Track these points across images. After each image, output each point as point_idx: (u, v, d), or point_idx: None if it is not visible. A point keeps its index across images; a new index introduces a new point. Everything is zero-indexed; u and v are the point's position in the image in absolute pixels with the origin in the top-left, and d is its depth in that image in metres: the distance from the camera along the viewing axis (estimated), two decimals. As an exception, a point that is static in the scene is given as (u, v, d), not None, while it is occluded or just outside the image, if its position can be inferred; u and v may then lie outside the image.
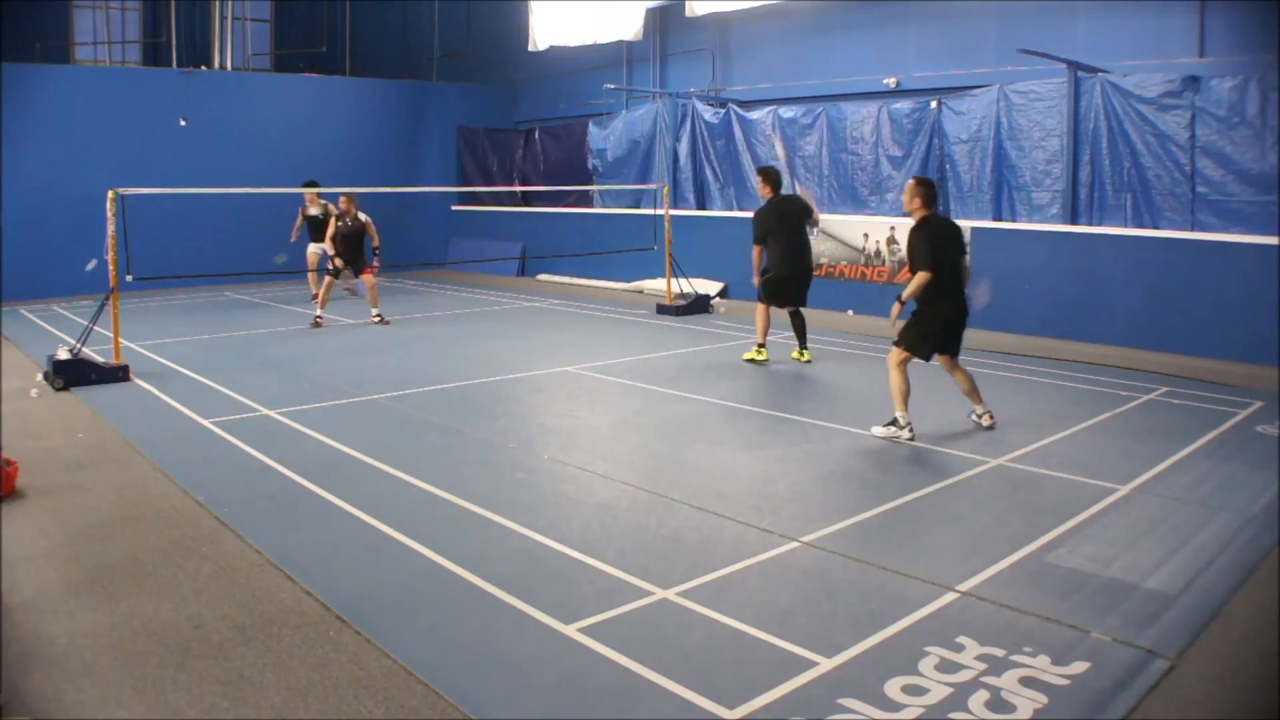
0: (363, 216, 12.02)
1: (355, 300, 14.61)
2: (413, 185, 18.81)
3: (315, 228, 13.65)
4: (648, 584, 4.15)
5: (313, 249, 13.77)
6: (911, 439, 6.48)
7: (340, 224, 11.98)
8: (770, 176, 9.25)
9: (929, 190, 6.59)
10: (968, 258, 6.82)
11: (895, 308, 6.54)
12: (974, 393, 6.84)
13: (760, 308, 9.25)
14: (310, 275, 13.82)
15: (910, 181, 6.69)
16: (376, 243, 12.14)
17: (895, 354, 6.62)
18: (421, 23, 21.36)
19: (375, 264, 12.24)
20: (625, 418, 7.31)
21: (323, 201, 13.70)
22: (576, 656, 3.55)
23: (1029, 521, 4.94)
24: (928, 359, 6.69)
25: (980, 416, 6.85)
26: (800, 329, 9.34)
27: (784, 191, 9.25)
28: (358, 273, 12.22)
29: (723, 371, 9.00)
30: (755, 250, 9.03)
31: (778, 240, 8.99)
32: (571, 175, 17.93)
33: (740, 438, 6.68)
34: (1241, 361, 9.24)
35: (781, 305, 9.25)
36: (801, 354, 9.35)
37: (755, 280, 9.13)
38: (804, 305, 9.37)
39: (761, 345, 9.26)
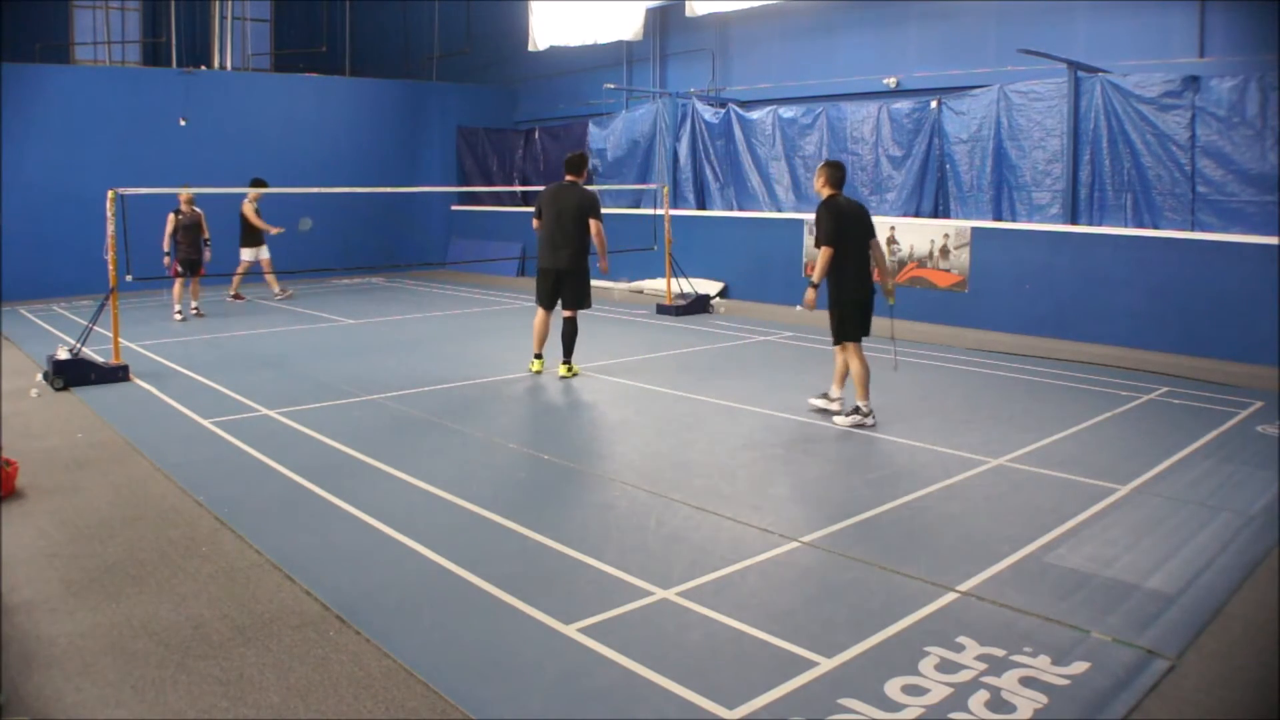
0: (197, 209, 12.17)
1: (353, 301, 14.62)
2: (413, 185, 18.81)
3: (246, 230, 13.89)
4: (648, 584, 4.15)
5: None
6: (873, 425, 6.83)
7: (180, 218, 12.01)
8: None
9: (835, 172, 6.88)
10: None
11: (810, 293, 6.80)
12: (844, 380, 7.16)
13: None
14: (236, 277, 14.22)
15: (820, 165, 7.04)
16: (206, 234, 12.32)
17: (850, 349, 6.94)
18: (421, 23, 21.37)
19: (207, 254, 12.40)
20: (625, 418, 7.31)
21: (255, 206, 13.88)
22: (576, 656, 3.55)
23: (1029, 521, 4.94)
24: (858, 340, 6.98)
25: (831, 402, 7.21)
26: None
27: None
28: (195, 272, 12.25)
29: (722, 371, 9.01)
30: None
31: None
32: (572, 175, 17.90)
33: (740, 437, 6.67)
34: (1241, 361, 9.24)
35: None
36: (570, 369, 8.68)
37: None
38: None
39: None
